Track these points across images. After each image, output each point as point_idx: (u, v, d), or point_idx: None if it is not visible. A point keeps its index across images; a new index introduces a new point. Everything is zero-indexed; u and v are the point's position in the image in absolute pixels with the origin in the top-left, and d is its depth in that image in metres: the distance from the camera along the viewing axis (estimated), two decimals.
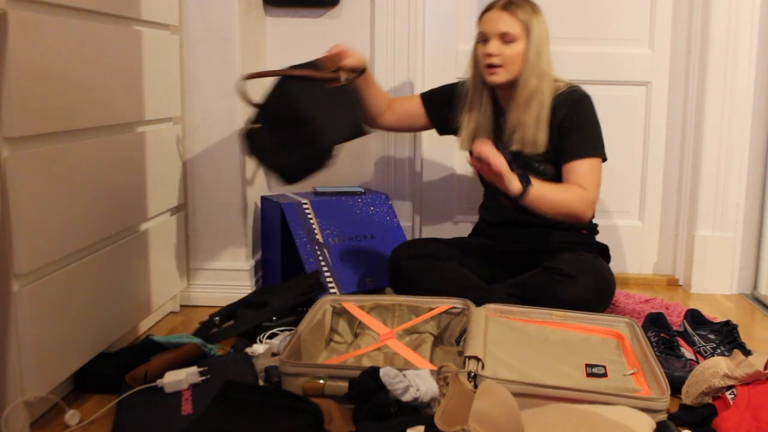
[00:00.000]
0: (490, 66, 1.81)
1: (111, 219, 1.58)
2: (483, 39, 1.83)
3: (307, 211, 2.13)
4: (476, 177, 2.10)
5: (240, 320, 1.74)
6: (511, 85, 1.84)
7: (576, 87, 1.88)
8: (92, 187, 1.49)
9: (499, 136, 1.93)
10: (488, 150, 1.62)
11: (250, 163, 2.17)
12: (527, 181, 1.68)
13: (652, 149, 2.38)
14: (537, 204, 1.71)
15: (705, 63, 2.23)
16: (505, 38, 1.79)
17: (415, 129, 2.12)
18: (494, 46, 1.80)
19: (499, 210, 2.00)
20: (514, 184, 1.66)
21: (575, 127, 1.83)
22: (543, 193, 1.71)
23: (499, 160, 1.62)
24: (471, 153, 1.70)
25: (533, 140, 1.83)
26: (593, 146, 1.84)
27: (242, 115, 2.07)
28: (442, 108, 2.01)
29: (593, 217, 1.96)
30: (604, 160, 1.85)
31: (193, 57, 2.02)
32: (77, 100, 1.42)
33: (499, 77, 1.82)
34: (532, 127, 1.82)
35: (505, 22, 1.79)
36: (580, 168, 1.81)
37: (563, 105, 1.84)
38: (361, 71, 1.85)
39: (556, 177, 1.87)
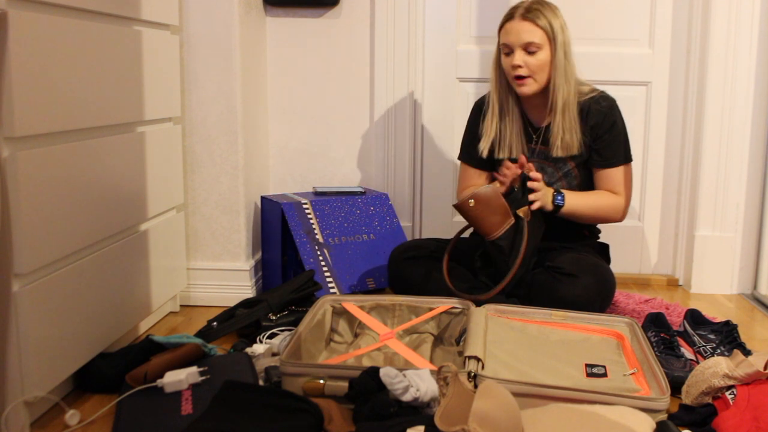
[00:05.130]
0: (518, 77, 1.81)
1: (111, 219, 1.58)
2: (507, 51, 1.83)
3: (307, 211, 2.13)
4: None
5: (237, 318, 1.74)
6: (540, 93, 1.85)
7: (604, 93, 1.90)
8: (92, 187, 1.49)
9: (528, 141, 1.94)
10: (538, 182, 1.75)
11: (250, 163, 2.17)
12: (560, 201, 1.80)
13: (652, 149, 2.38)
14: (571, 215, 1.83)
15: (705, 63, 2.23)
16: (529, 48, 1.79)
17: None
18: (519, 57, 1.79)
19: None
20: (547, 207, 1.78)
21: (610, 136, 1.86)
22: (575, 207, 1.82)
23: (543, 195, 1.75)
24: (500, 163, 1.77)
25: (571, 144, 1.86)
26: (626, 154, 1.90)
27: (242, 115, 2.07)
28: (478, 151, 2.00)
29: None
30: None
31: (193, 57, 2.02)
32: (77, 100, 1.42)
33: (529, 88, 1.82)
34: (570, 132, 1.85)
35: (528, 32, 1.78)
36: (616, 175, 1.88)
37: (596, 113, 1.86)
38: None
39: (583, 177, 1.91)
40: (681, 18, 2.31)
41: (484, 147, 1.93)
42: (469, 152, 2.02)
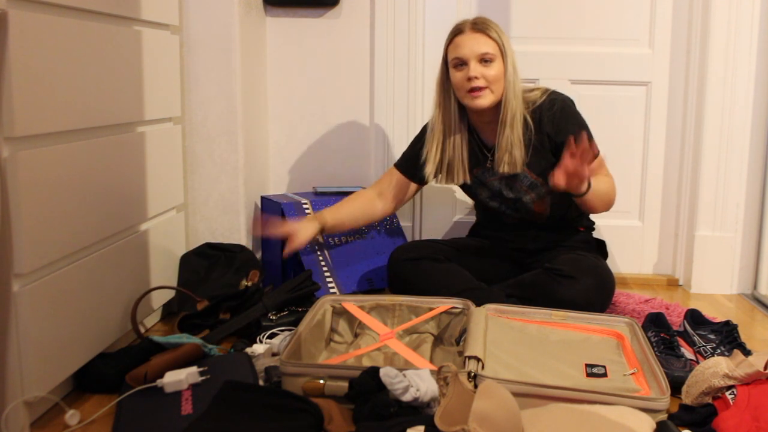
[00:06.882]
0: (474, 89, 1.77)
1: (111, 219, 1.58)
2: (459, 63, 1.79)
3: (307, 211, 2.13)
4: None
5: (235, 318, 1.74)
6: (493, 108, 1.82)
7: (553, 95, 1.86)
8: (92, 187, 1.49)
9: (481, 160, 1.92)
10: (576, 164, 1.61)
11: (250, 163, 2.17)
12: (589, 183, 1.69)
13: (652, 149, 2.38)
14: (593, 198, 1.71)
15: (705, 63, 2.23)
16: (485, 58, 1.76)
17: (414, 193, 2.06)
18: (475, 68, 1.76)
19: (498, 222, 2.02)
20: (583, 186, 1.66)
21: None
22: (598, 188, 1.71)
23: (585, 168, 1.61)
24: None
25: (519, 160, 1.83)
26: (594, 145, 1.83)
27: (242, 115, 2.07)
28: (418, 164, 1.96)
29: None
30: None
31: (193, 57, 2.02)
32: (77, 100, 1.42)
33: (485, 100, 1.78)
34: (518, 146, 1.82)
35: (483, 44, 1.76)
36: (596, 166, 1.80)
37: (549, 121, 1.82)
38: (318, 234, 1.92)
39: (547, 187, 1.87)
40: (681, 18, 2.30)
41: (429, 172, 1.90)
42: (403, 158, 2.01)
